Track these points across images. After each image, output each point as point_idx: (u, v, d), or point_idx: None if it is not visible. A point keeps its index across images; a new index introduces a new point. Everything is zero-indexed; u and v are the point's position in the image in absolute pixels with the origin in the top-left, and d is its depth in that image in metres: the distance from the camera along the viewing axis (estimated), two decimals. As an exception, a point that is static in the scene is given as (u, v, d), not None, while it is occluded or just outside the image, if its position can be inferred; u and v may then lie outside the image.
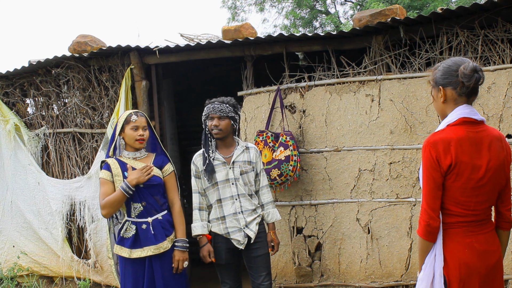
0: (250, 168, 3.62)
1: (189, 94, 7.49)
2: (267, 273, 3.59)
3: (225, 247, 3.55)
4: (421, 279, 2.30)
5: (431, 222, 2.23)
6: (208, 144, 3.57)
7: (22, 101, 5.64)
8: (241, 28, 4.99)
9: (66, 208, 5.27)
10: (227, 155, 3.59)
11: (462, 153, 2.21)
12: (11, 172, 5.50)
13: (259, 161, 3.71)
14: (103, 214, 3.27)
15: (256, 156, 3.68)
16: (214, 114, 3.52)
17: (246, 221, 3.54)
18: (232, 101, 3.61)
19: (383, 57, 4.47)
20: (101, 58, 5.15)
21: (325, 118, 4.56)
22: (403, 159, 4.35)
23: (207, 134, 3.59)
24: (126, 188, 3.23)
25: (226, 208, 3.55)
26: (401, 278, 4.41)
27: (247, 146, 3.69)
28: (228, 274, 3.60)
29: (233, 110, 3.57)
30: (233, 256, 3.59)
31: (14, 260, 5.49)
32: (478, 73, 2.22)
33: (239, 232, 3.53)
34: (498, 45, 4.16)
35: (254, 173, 3.66)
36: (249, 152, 3.66)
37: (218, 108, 3.52)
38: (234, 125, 3.60)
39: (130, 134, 3.35)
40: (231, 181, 3.55)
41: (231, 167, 3.56)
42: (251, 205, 3.58)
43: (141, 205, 3.33)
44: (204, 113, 3.59)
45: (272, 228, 3.69)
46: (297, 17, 17.00)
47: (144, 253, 3.30)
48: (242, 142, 3.71)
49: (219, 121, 3.51)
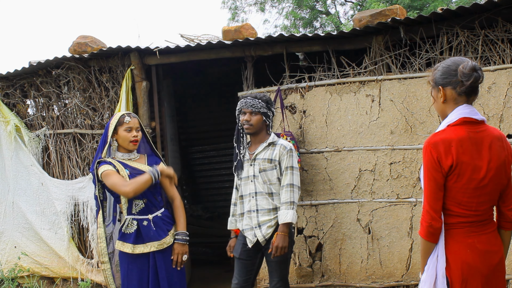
0: (271, 166, 3.51)
1: (189, 94, 7.50)
2: (278, 279, 3.51)
3: (242, 242, 3.59)
4: (424, 281, 2.29)
5: (433, 223, 2.23)
6: (240, 140, 3.58)
7: (23, 102, 5.63)
8: (241, 29, 4.99)
9: (70, 208, 5.29)
10: (253, 151, 3.59)
11: (463, 154, 2.21)
12: (12, 173, 5.50)
13: (286, 159, 3.50)
14: (127, 190, 3.16)
15: (281, 153, 3.51)
16: (246, 109, 3.51)
17: (259, 221, 3.50)
18: (265, 97, 3.58)
19: (383, 57, 4.47)
20: (102, 59, 5.15)
21: (325, 119, 4.56)
22: (403, 159, 4.35)
23: (239, 130, 3.60)
24: (155, 172, 3.25)
25: (245, 205, 3.58)
26: (402, 279, 4.40)
27: (274, 142, 3.57)
28: (238, 269, 3.58)
29: (266, 106, 3.53)
30: (248, 253, 3.56)
31: (15, 260, 5.49)
32: (477, 72, 2.22)
33: (250, 231, 3.53)
34: (498, 45, 4.16)
35: (277, 172, 3.53)
36: (274, 149, 3.54)
37: (250, 103, 3.50)
38: (266, 121, 3.56)
39: (124, 135, 3.36)
40: (250, 178, 3.55)
41: (252, 164, 3.55)
42: (269, 205, 3.50)
43: (143, 202, 3.35)
44: (237, 108, 3.59)
45: (280, 229, 3.42)
46: (297, 17, 17.00)
47: (148, 248, 3.32)
48: (274, 138, 3.60)
49: (251, 116, 3.50)
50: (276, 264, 3.48)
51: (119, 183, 3.20)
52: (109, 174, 3.25)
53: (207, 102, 7.72)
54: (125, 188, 3.17)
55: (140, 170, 3.38)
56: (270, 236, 3.49)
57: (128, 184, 3.18)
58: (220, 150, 7.92)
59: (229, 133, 4.73)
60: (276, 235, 3.41)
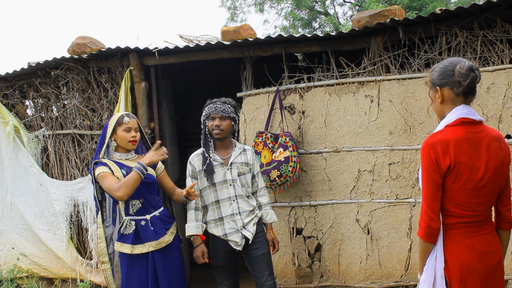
0: (247, 169, 3.63)
1: (188, 95, 7.49)
2: (269, 272, 3.57)
3: (223, 249, 3.55)
4: (423, 281, 2.30)
5: (431, 223, 2.23)
6: (208, 144, 3.57)
7: (22, 102, 5.63)
8: (240, 29, 4.99)
9: (69, 209, 5.28)
10: (225, 156, 3.59)
11: (461, 154, 2.21)
12: (11, 173, 5.50)
13: (256, 163, 3.72)
14: (119, 195, 3.18)
15: (253, 158, 3.69)
16: (216, 114, 3.52)
17: (244, 222, 3.54)
18: (233, 102, 3.62)
19: (382, 57, 4.47)
20: (101, 59, 5.15)
21: (324, 119, 4.56)
22: (402, 160, 4.35)
23: (207, 134, 3.58)
24: (141, 168, 3.22)
25: (224, 209, 3.54)
26: (401, 279, 4.41)
27: (244, 148, 3.70)
28: (226, 276, 3.61)
29: (234, 111, 3.58)
30: (231, 258, 3.59)
31: (13, 261, 5.48)
32: (474, 72, 2.22)
33: (237, 234, 3.53)
34: (497, 45, 4.16)
35: (251, 175, 3.67)
36: (246, 154, 3.67)
37: (220, 108, 3.51)
38: (234, 126, 3.61)
39: (123, 135, 3.40)
40: (228, 182, 3.54)
41: (229, 168, 3.56)
42: (249, 206, 3.58)
43: (139, 202, 3.37)
44: (205, 113, 3.59)
45: (271, 228, 3.71)
46: (296, 18, 17.01)
47: (146, 248, 3.34)
48: (238, 144, 3.71)
49: (221, 121, 3.51)
50: (265, 258, 3.58)
51: (111, 187, 3.21)
52: (104, 177, 3.27)
53: (206, 102, 7.71)
54: (117, 193, 3.19)
55: None
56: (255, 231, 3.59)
57: (119, 188, 3.18)
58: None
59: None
60: (271, 233, 3.69)
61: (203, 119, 3.59)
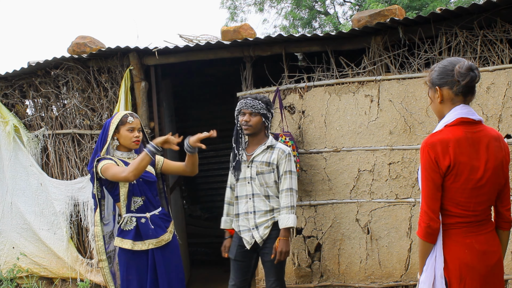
0: (268, 169, 3.53)
1: (188, 95, 7.50)
2: (275, 279, 3.51)
3: (238, 243, 3.58)
4: (423, 281, 2.30)
5: (431, 223, 2.23)
6: (239, 140, 3.58)
7: (21, 102, 5.63)
8: (240, 29, 4.99)
9: (69, 208, 5.28)
10: (250, 152, 3.59)
11: (460, 154, 2.21)
12: (11, 173, 5.50)
13: (285, 163, 3.52)
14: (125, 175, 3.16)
15: (279, 157, 3.53)
16: (245, 109, 3.51)
17: (256, 222, 3.51)
18: (265, 98, 3.58)
19: (382, 57, 4.47)
20: (100, 59, 5.15)
21: (324, 119, 4.56)
22: (402, 160, 4.35)
23: (238, 130, 3.60)
24: (151, 148, 3.21)
25: (240, 206, 3.57)
26: (401, 279, 4.41)
27: (272, 145, 3.58)
28: (235, 271, 3.59)
29: (265, 107, 3.54)
30: (244, 255, 3.57)
31: (13, 261, 5.48)
32: (473, 72, 2.23)
33: (248, 232, 3.53)
34: (497, 45, 4.16)
35: (275, 175, 3.54)
36: (272, 152, 3.55)
37: (250, 104, 3.51)
38: (265, 122, 3.56)
39: (126, 135, 3.40)
40: (247, 179, 3.55)
41: (249, 165, 3.55)
42: (266, 206, 3.52)
43: (141, 199, 3.39)
44: (237, 108, 3.60)
45: (282, 234, 3.46)
46: (296, 17, 16.99)
47: (146, 246, 3.35)
48: (272, 141, 3.61)
49: (250, 117, 3.50)
50: (273, 265, 3.49)
51: (118, 171, 3.22)
52: (109, 167, 3.26)
53: (206, 102, 7.72)
54: (124, 173, 3.18)
55: None
56: (267, 236, 3.51)
57: (127, 169, 3.19)
58: (219, 151, 7.92)
59: (228, 133, 4.73)
60: (279, 240, 3.45)
61: (236, 114, 3.61)
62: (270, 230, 3.52)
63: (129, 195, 3.36)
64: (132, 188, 3.36)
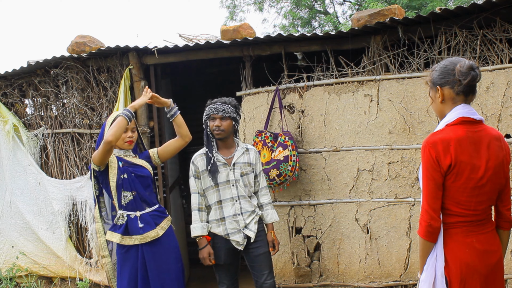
0: (250, 169, 3.62)
1: (187, 94, 7.49)
2: (269, 271, 3.58)
3: (224, 247, 3.55)
4: (423, 280, 2.30)
5: (432, 222, 2.23)
6: (211, 144, 3.57)
7: (21, 101, 5.63)
8: (239, 28, 4.98)
9: (68, 208, 5.28)
10: (228, 156, 3.59)
11: (461, 153, 2.21)
12: (10, 172, 5.50)
13: (259, 163, 3.71)
14: (108, 138, 3.18)
15: (255, 157, 3.69)
16: (216, 114, 3.51)
17: (246, 223, 3.55)
18: (234, 101, 3.60)
19: (381, 57, 4.47)
20: (100, 58, 5.14)
21: (323, 118, 4.56)
22: (402, 159, 4.35)
23: (208, 135, 3.58)
24: (126, 113, 3.28)
25: (226, 209, 3.54)
26: (400, 278, 4.41)
27: (247, 147, 3.70)
28: (226, 275, 3.61)
29: (235, 111, 3.56)
30: (232, 257, 3.59)
31: (13, 260, 5.48)
32: (474, 71, 2.23)
33: (239, 234, 3.53)
34: (496, 45, 4.17)
35: (254, 175, 3.66)
36: (249, 153, 3.66)
37: (220, 109, 3.51)
38: (235, 125, 3.60)
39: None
40: (231, 182, 3.54)
41: (232, 168, 3.56)
42: (251, 207, 3.59)
43: (131, 194, 3.38)
44: (206, 113, 3.59)
45: (272, 228, 3.70)
46: (295, 17, 16.99)
47: (132, 241, 3.37)
48: (241, 143, 3.71)
49: (221, 121, 3.51)
50: (265, 257, 3.60)
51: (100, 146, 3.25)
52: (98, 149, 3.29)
53: (206, 101, 7.71)
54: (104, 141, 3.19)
55: (135, 163, 3.45)
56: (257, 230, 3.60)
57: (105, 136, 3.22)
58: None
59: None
60: (272, 233, 3.69)
61: (204, 119, 3.59)
62: (258, 224, 3.62)
63: (119, 189, 3.35)
64: (122, 182, 3.35)
